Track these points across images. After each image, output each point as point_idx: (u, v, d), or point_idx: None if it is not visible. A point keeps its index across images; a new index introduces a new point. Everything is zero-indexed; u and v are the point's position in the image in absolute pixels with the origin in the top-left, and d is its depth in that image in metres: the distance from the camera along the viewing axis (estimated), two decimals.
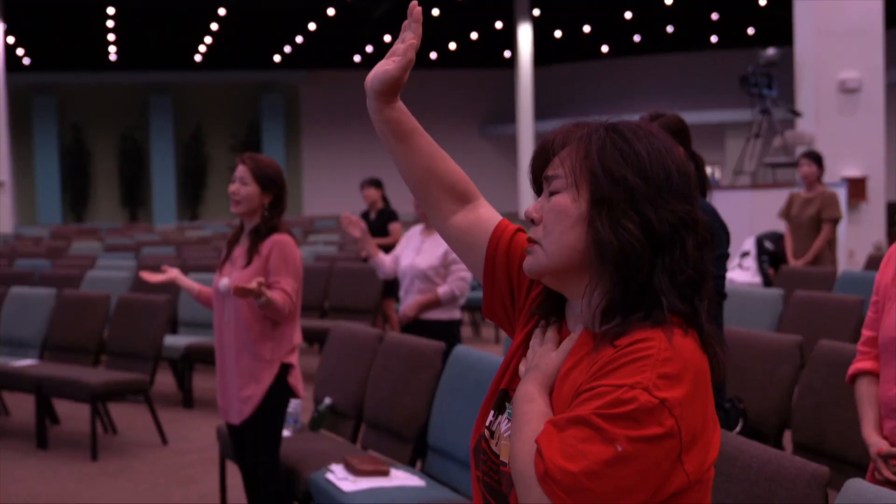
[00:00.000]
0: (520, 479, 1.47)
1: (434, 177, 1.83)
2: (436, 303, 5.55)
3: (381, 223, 9.69)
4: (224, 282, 4.30)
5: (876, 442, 2.73)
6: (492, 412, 1.70)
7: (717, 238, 3.36)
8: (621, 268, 1.51)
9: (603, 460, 1.39)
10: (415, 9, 1.73)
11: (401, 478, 4.25)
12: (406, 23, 1.75)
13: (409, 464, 4.61)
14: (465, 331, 11.78)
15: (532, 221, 1.61)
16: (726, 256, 3.54)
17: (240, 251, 4.37)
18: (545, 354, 1.60)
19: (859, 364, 2.90)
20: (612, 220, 1.51)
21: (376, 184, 9.93)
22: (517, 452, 1.49)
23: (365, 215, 10.01)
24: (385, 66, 1.74)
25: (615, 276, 1.52)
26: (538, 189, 1.65)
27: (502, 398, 1.69)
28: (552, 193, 1.59)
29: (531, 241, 1.60)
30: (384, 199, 9.94)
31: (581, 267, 1.56)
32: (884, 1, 11.48)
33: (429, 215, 1.87)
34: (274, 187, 4.32)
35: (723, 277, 3.49)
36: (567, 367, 1.57)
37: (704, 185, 3.67)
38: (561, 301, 1.66)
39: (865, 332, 2.90)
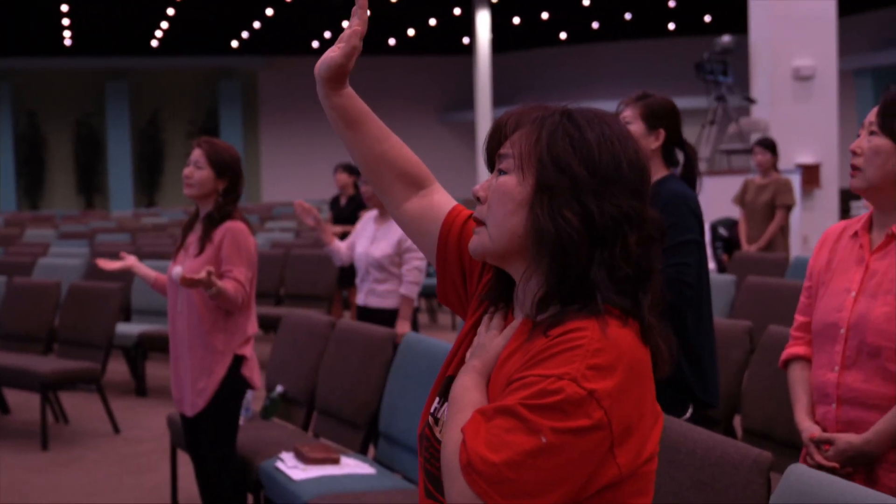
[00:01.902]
0: (446, 469, 1.45)
1: (386, 162, 1.83)
2: (410, 303, 5.52)
3: (352, 210, 9.53)
4: (177, 270, 4.19)
5: (808, 427, 2.75)
6: (437, 399, 1.68)
7: (683, 222, 3.26)
8: (557, 257, 1.49)
9: (526, 451, 1.38)
10: None
11: (351, 465, 4.23)
12: (354, 9, 1.77)
13: (361, 451, 4.60)
14: (422, 318, 11.77)
15: (478, 199, 1.59)
16: (696, 243, 3.35)
17: (193, 238, 4.29)
18: (487, 342, 1.59)
19: (792, 349, 2.91)
20: (553, 209, 1.50)
21: (349, 169, 9.59)
22: (446, 441, 1.47)
23: (335, 201, 9.90)
24: (332, 53, 1.76)
25: (551, 264, 1.50)
26: (491, 167, 1.64)
27: (448, 385, 1.67)
28: (501, 173, 1.57)
29: (477, 221, 1.59)
30: (356, 186, 9.69)
31: (521, 251, 1.55)
32: None
33: (383, 201, 1.87)
34: (229, 173, 4.23)
35: (689, 265, 3.30)
36: (505, 355, 1.55)
37: (694, 175, 3.53)
38: (509, 287, 1.64)
39: (798, 318, 2.91)
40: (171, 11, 24.86)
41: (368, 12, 1.82)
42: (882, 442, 2.57)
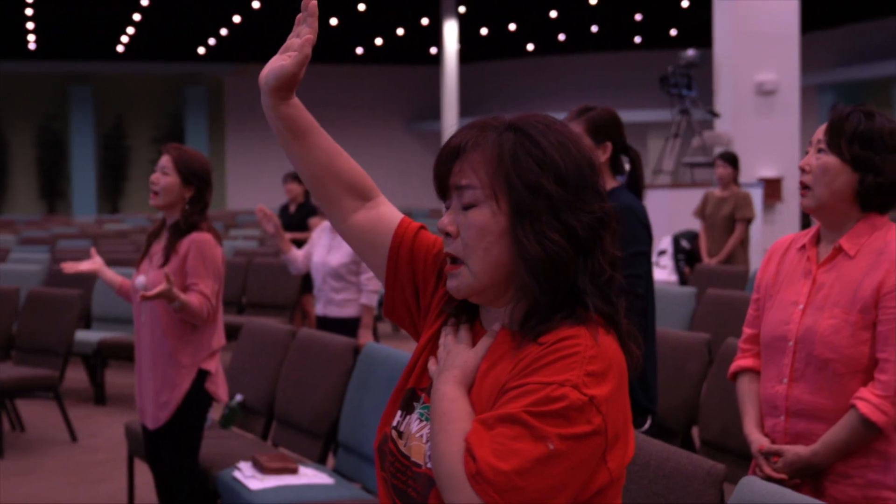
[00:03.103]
0: (447, 480, 1.44)
1: (333, 174, 1.78)
2: (371, 312, 5.50)
3: (301, 217, 9.60)
4: (140, 280, 4.11)
5: (757, 439, 2.77)
6: (399, 412, 1.66)
7: (633, 234, 3.32)
8: (551, 278, 1.50)
9: (535, 458, 1.39)
10: (310, 3, 1.69)
11: (309, 475, 4.22)
12: (300, 16, 1.71)
13: (320, 461, 4.58)
14: (384, 327, 11.76)
15: (447, 234, 1.57)
16: (645, 254, 3.44)
17: (158, 248, 4.17)
18: (461, 353, 1.57)
19: (740, 362, 2.94)
20: (537, 232, 1.50)
21: (299, 179, 9.75)
22: (443, 453, 1.46)
23: (284, 209, 9.93)
24: (280, 62, 1.70)
25: (544, 286, 1.50)
26: (443, 194, 1.62)
27: (410, 397, 1.66)
28: (466, 206, 1.55)
29: (453, 259, 1.57)
30: (306, 195, 9.82)
31: (507, 279, 1.55)
32: (800, 5, 11.68)
33: (328, 213, 1.83)
34: (196, 181, 4.13)
35: (639, 276, 3.37)
36: (486, 366, 1.55)
37: (640, 182, 3.57)
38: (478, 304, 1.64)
39: (747, 330, 2.94)
40: (137, 17, 24.73)
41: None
42: (829, 454, 2.59)
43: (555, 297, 1.50)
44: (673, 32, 26.41)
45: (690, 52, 12.88)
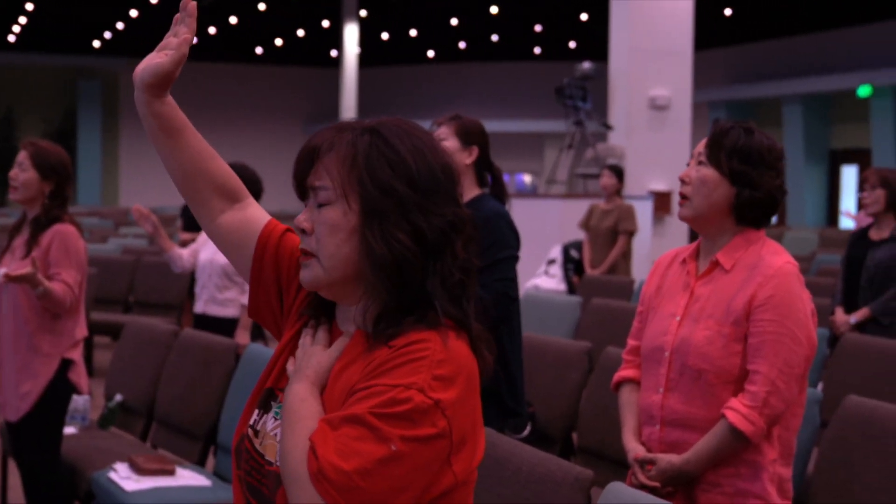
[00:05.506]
0: (291, 478, 1.45)
1: (203, 175, 1.79)
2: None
3: None
4: (0, 271, 4.09)
5: (634, 448, 2.83)
6: (256, 411, 1.68)
7: (504, 239, 3.44)
8: (395, 278, 1.52)
9: (376, 459, 1.40)
10: (189, 4, 1.71)
11: (186, 477, 4.16)
12: (178, 16, 1.73)
13: (199, 463, 4.53)
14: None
15: (303, 231, 1.59)
16: (514, 258, 3.58)
17: (20, 241, 4.19)
18: (316, 354, 1.59)
19: (623, 372, 2.99)
20: (384, 232, 1.52)
21: None
22: (289, 451, 1.47)
23: (186, 208, 9.81)
24: (157, 60, 1.71)
25: (389, 285, 1.52)
26: (302, 194, 1.64)
27: (268, 397, 1.68)
28: (321, 205, 1.57)
29: (306, 253, 1.59)
30: None
31: (357, 277, 1.57)
32: (694, 24, 11.94)
33: (196, 214, 1.83)
34: (55, 175, 4.14)
35: (511, 280, 3.54)
36: (340, 367, 1.56)
37: (503, 194, 3.73)
38: (331, 301, 1.65)
39: (630, 342, 3.00)
40: (29, 6, 24.16)
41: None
42: (700, 462, 2.65)
43: (402, 298, 1.53)
44: (572, 45, 26.74)
45: (586, 65, 13.05)
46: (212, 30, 24.95)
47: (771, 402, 2.59)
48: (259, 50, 28.89)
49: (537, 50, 28.61)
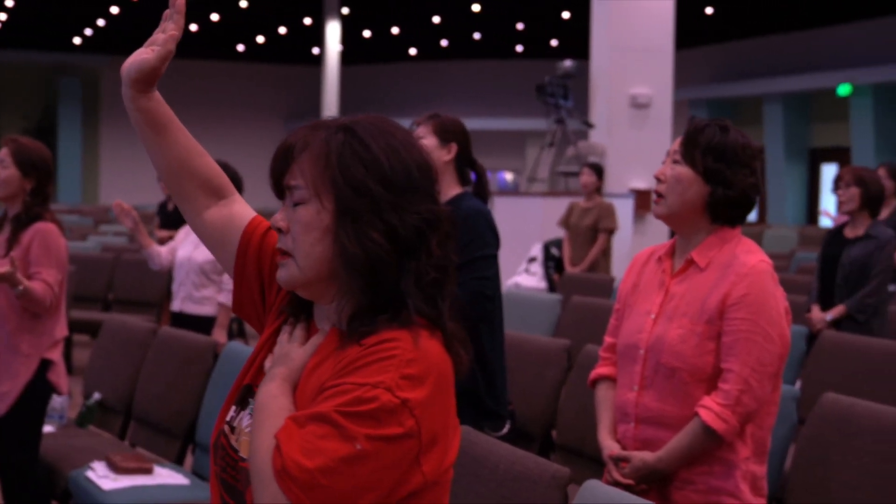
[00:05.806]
0: (256, 475, 1.46)
1: (189, 170, 1.81)
2: (228, 311, 5.44)
3: (179, 214, 9.45)
4: None
5: (609, 445, 2.84)
6: (234, 407, 1.69)
7: (482, 237, 3.44)
8: (369, 278, 1.52)
9: (340, 457, 1.40)
10: (177, 0, 1.73)
11: (164, 476, 4.15)
12: (167, 12, 1.75)
13: (177, 461, 4.52)
14: (249, 327, 11.61)
15: (280, 230, 1.60)
16: (494, 257, 3.58)
17: (0, 239, 4.16)
18: (290, 351, 1.60)
19: (599, 370, 3.00)
20: (358, 232, 1.52)
21: None
22: (257, 448, 1.48)
23: (163, 206, 9.78)
24: (144, 55, 1.72)
25: (363, 284, 1.53)
26: (279, 193, 1.64)
27: (245, 393, 1.69)
28: (296, 204, 1.58)
29: (283, 252, 1.60)
30: None
31: (332, 276, 1.57)
32: (675, 22, 11.97)
33: (182, 209, 1.86)
34: (36, 173, 4.12)
35: (488, 278, 3.52)
36: (313, 364, 1.57)
37: (486, 192, 3.72)
38: (309, 300, 1.66)
39: (607, 339, 3.01)
40: (10, 3, 24.04)
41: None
42: (673, 460, 2.66)
43: (375, 297, 1.53)
44: (553, 43, 26.76)
45: (567, 63, 13.08)
46: (193, 27, 24.86)
47: (744, 400, 2.60)
48: (241, 47, 28.80)
49: (519, 48, 28.61)
